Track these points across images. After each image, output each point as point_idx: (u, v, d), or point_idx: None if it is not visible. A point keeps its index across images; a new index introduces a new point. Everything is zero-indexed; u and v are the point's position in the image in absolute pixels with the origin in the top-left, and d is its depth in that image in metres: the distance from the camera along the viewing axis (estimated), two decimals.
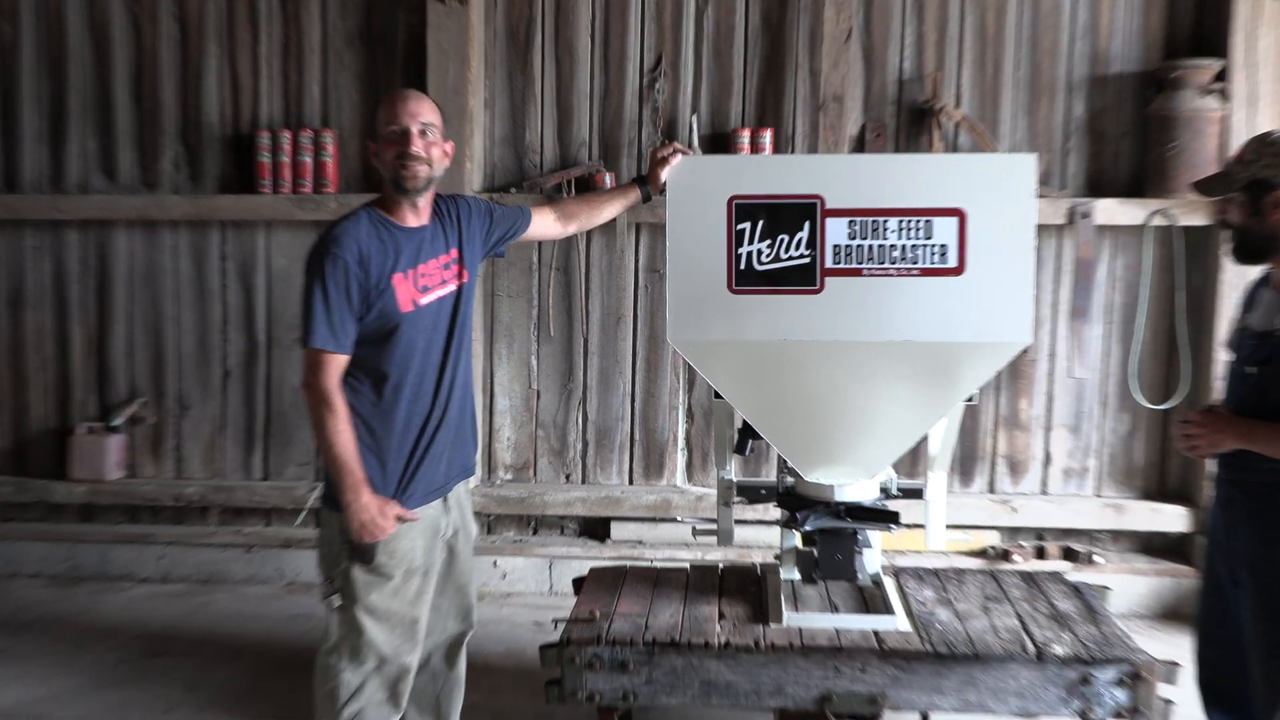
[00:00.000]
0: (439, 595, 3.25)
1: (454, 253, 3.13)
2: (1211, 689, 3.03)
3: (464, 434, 3.22)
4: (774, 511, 4.63)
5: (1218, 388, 4.78)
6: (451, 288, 3.11)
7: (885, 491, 3.46)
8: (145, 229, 5.37)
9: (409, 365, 3.00)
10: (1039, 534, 5.15)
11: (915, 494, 3.57)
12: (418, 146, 2.96)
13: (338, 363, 2.91)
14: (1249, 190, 2.75)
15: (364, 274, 2.89)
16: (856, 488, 3.33)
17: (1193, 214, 4.78)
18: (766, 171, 3.13)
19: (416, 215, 3.04)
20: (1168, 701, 3.00)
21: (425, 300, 3.02)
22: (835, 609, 3.34)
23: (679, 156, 3.26)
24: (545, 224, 3.46)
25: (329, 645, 3.06)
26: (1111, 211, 4.84)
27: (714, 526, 3.68)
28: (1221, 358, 2.99)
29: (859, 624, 3.21)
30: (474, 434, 3.30)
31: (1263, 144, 2.75)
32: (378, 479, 2.99)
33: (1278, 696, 2.73)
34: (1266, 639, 2.76)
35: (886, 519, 3.28)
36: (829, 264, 3.06)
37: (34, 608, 4.99)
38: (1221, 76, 4.75)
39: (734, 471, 3.65)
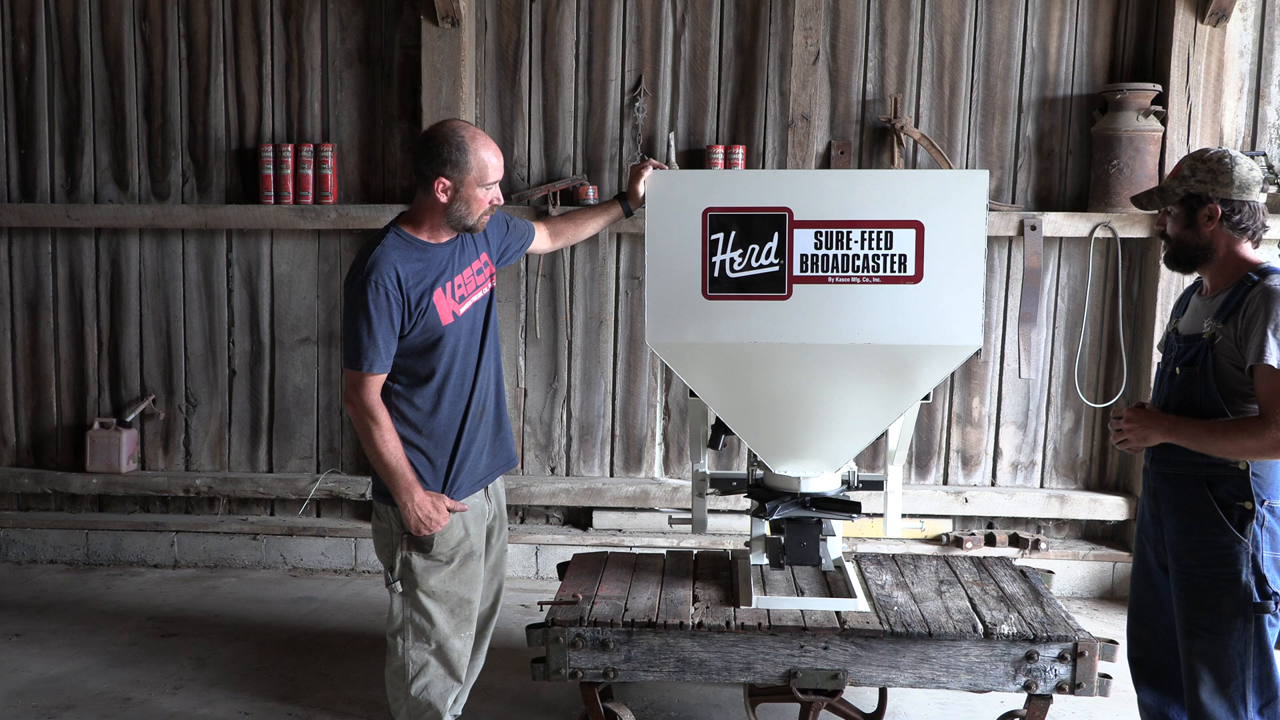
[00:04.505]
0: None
1: (485, 256, 3.17)
2: (1142, 666, 3.07)
3: (503, 427, 3.26)
4: (744, 502, 4.67)
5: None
6: (485, 290, 3.15)
7: (847, 483, 3.49)
8: (156, 237, 5.35)
9: (451, 369, 3.04)
10: (989, 522, 5.19)
11: (875, 485, 3.61)
12: (500, 199, 3.04)
13: (379, 381, 2.95)
14: (1184, 204, 2.78)
15: (404, 296, 2.91)
16: (821, 480, 3.36)
17: (1133, 227, 4.84)
18: (739, 185, 3.16)
19: (449, 233, 3.06)
20: (1105, 677, 3.05)
21: (463, 309, 3.05)
22: (801, 592, 3.36)
23: (650, 169, 3.28)
24: (539, 241, 3.52)
25: (394, 627, 3.11)
26: (1058, 224, 4.89)
27: (689, 516, 3.70)
28: (1158, 359, 3.03)
29: (823, 606, 3.24)
30: (509, 426, 3.31)
31: (1197, 161, 2.77)
32: (428, 474, 3.03)
33: (1197, 674, 2.77)
34: (1187, 622, 2.79)
35: (848, 509, 3.32)
36: (796, 272, 3.10)
37: (52, 591, 4.97)
38: (1160, 99, 4.80)
39: (707, 465, 3.68)
